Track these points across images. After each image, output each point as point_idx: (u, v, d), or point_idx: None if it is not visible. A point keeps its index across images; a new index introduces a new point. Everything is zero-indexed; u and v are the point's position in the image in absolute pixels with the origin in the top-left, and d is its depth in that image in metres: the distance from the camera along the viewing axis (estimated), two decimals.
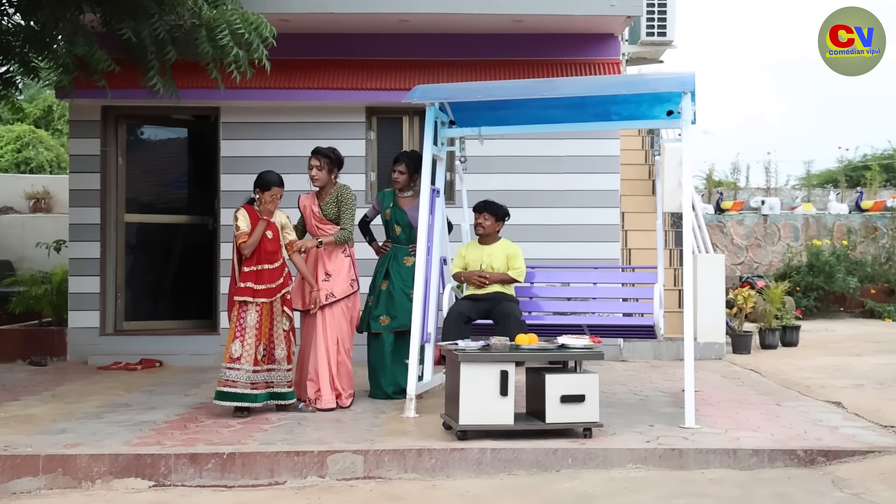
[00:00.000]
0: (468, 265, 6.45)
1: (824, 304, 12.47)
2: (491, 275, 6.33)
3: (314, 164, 6.35)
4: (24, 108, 17.05)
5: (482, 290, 6.35)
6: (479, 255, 6.42)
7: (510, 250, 6.41)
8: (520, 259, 6.40)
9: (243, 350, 5.74)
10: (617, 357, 8.65)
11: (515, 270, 6.37)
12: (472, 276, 6.36)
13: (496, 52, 8.83)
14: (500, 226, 6.47)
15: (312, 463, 4.86)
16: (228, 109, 8.80)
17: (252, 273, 5.88)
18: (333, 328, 6.17)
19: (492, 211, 6.41)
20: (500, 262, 6.36)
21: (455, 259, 6.58)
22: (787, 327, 9.62)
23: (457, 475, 4.87)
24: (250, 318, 5.79)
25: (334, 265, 6.23)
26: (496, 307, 6.26)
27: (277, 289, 5.92)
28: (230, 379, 5.72)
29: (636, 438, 5.18)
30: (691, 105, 5.85)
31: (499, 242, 6.47)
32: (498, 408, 5.12)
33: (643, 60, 13.70)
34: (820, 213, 13.84)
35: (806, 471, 4.86)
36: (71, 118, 9.08)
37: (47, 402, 6.42)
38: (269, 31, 6.34)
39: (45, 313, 9.43)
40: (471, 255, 6.47)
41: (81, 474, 4.77)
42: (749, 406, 6.24)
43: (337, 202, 6.30)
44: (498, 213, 6.44)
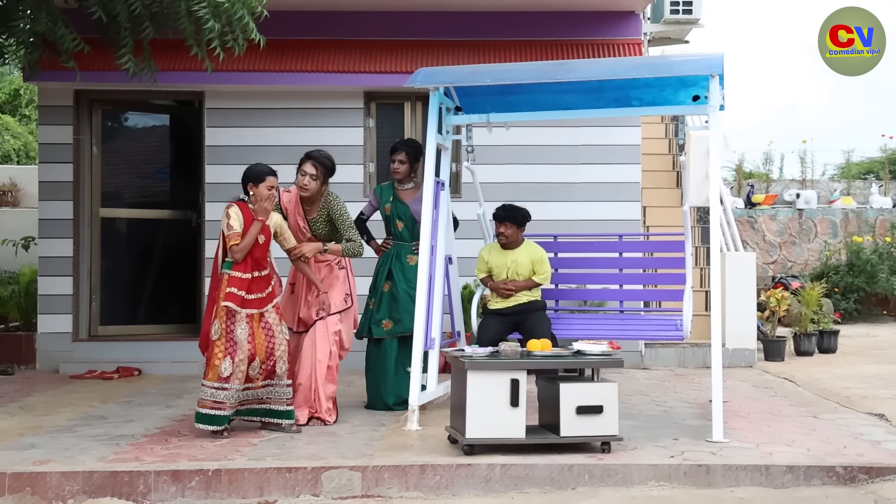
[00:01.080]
0: (492, 270, 6.64)
1: (865, 307, 12.47)
2: (517, 285, 6.54)
3: (309, 172, 6.03)
4: None
5: (509, 301, 6.56)
6: (504, 260, 6.60)
7: (535, 254, 6.61)
8: (545, 263, 6.62)
9: (234, 368, 5.50)
10: (638, 364, 8.66)
11: (541, 276, 6.59)
12: (498, 286, 6.58)
13: (506, 32, 8.84)
14: (522, 231, 6.64)
15: (305, 480, 4.87)
16: (214, 94, 8.82)
17: (244, 281, 5.62)
18: (325, 345, 6.02)
19: (513, 219, 6.56)
20: (526, 267, 6.56)
21: (478, 263, 6.73)
22: (825, 332, 9.62)
23: (463, 493, 4.88)
24: (240, 331, 5.54)
25: (327, 280, 6.10)
26: (525, 322, 6.49)
27: (268, 298, 5.71)
28: (218, 400, 5.50)
29: (659, 453, 5.18)
30: (719, 89, 5.84)
31: (523, 246, 6.64)
32: (508, 420, 5.13)
33: (667, 41, 13.70)
34: (861, 208, 13.83)
35: (845, 489, 4.86)
36: (40, 103, 9.11)
37: (14, 415, 6.44)
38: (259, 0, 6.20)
39: (12, 317, 9.46)
40: (494, 260, 6.64)
41: (52, 494, 4.77)
42: (783, 418, 6.24)
43: (328, 219, 6.09)
44: (519, 219, 6.59)
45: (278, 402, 5.75)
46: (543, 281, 6.60)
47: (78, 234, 8.92)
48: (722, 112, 5.94)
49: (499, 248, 6.66)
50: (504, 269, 6.58)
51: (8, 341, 8.99)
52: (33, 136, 16.71)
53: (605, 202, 8.77)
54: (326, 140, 8.75)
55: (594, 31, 8.88)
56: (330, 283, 6.11)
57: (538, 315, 6.54)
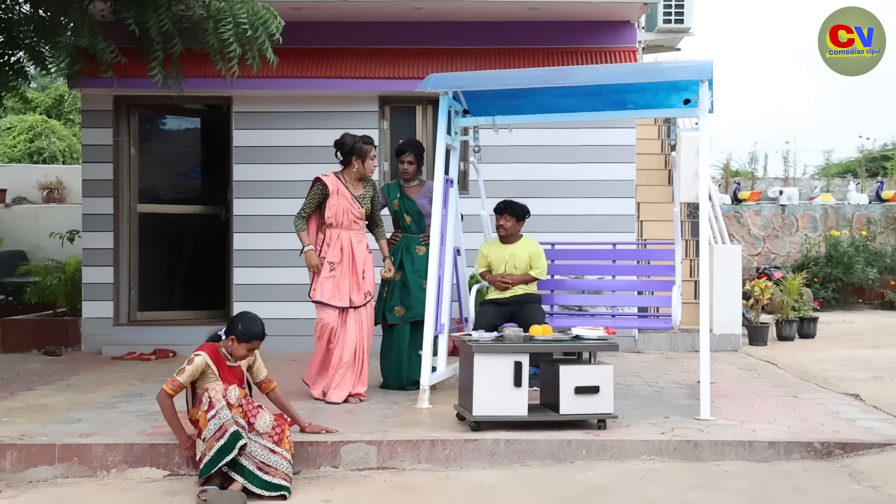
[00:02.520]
0: (491, 264, 6.59)
1: (843, 296, 12.41)
2: (513, 278, 6.50)
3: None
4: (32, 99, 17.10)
5: (506, 293, 6.51)
6: (503, 254, 6.55)
7: (532, 249, 6.55)
8: (542, 258, 6.56)
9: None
10: (632, 348, 8.66)
11: (537, 270, 6.53)
12: (495, 279, 6.54)
13: (510, 40, 8.81)
14: (521, 225, 6.59)
15: (326, 453, 4.90)
16: (240, 99, 8.83)
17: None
18: (365, 327, 6.17)
19: (512, 212, 6.52)
20: (523, 261, 6.51)
21: (478, 258, 6.70)
22: (805, 319, 9.59)
23: (470, 466, 4.90)
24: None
25: (367, 264, 6.21)
26: (520, 312, 6.41)
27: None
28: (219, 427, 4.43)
29: (651, 430, 5.19)
30: (709, 94, 5.82)
31: (521, 241, 6.59)
32: (512, 399, 5.14)
33: (660, 48, 13.64)
34: (839, 204, 13.76)
35: (823, 463, 4.86)
36: (83, 108, 9.14)
37: (62, 392, 6.49)
38: (276, 26, 6.27)
39: (60, 303, 9.51)
40: (493, 254, 6.59)
41: (97, 463, 4.83)
42: (765, 398, 6.23)
43: (371, 198, 6.26)
44: (518, 213, 6.54)
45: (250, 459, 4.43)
46: (540, 275, 6.54)
47: (118, 227, 8.96)
48: (711, 115, 5.91)
49: (498, 243, 6.63)
50: (503, 263, 6.54)
51: (56, 326, 9.04)
52: (77, 138, 16.75)
53: (602, 198, 8.75)
54: None
55: (592, 40, 8.85)
56: (369, 266, 6.21)
57: (533, 306, 6.48)
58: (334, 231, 6.12)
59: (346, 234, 6.12)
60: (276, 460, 4.48)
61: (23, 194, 12.74)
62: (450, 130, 6.32)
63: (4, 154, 16.79)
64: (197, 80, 7.81)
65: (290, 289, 8.66)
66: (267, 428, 4.54)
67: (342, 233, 6.11)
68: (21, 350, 8.76)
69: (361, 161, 6.17)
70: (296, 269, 8.61)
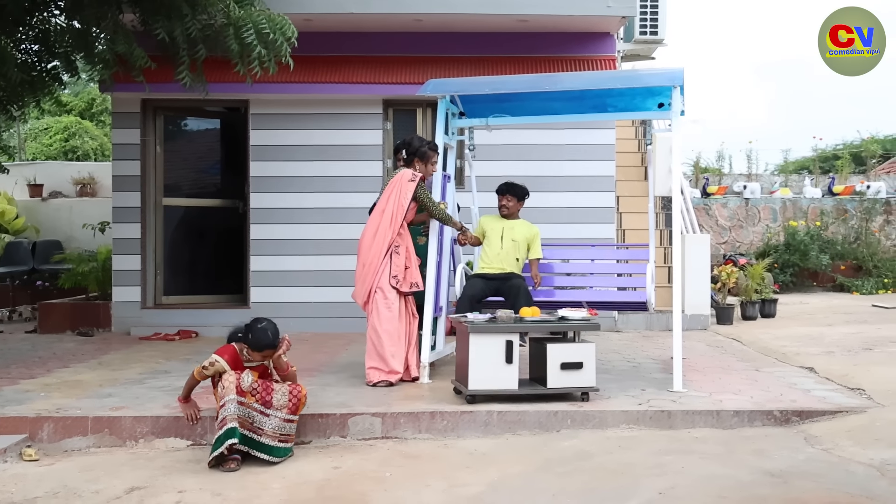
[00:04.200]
0: (486, 233, 6.52)
1: (799, 280, 12.41)
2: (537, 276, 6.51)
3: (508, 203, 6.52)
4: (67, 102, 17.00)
5: (494, 269, 6.41)
6: (500, 225, 6.49)
7: (532, 230, 6.54)
8: (539, 239, 6.55)
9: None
10: (612, 328, 8.64)
11: (537, 252, 6.54)
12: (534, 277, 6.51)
13: (503, 49, 8.75)
14: (521, 205, 6.59)
15: (335, 424, 4.87)
16: (257, 102, 8.76)
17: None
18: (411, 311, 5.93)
19: (514, 192, 6.54)
20: (521, 235, 6.45)
21: (477, 228, 6.66)
22: (766, 300, 9.58)
23: (466, 435, 4.88)
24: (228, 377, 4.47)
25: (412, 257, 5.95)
26: (505, 284, 6.33)
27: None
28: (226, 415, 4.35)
29: (629, 401, 5.18)
30: (680, 98, 5.79)
31: (520, 221, 6.58)
32: (504, 374, 5.12)
33: (637, 57, 13.59)
34: (796, 197, 13.74)
35: (781, 429, 4.86)
36: (113, 110, 9.06)
37: (94, 370, 6.45)
38: (292, 31, 6.26)
39: (91, 289, 9.47)
40: (490, 224, 6.54)
41: (126, 434, 4.80)
42: (731, 371, 6.22)
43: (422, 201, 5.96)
44: (519, 193, 6.57)
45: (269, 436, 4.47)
46: (538, 254, 6.54)
47: (144, 219, 8.90)
48: (682, 117, 5.89)
49: (496, 216, 6.58)
50: (500, 233, 6.44)
51: (88, 309, 8.99)
52: (108, 137, 16.66)
53: (584, 192, 8.71)
54: (350, 140, 8.72)
55: (576, 49, 8.79)
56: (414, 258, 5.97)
57: (517, 281, 6.33)
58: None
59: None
60: (292, 427, 4.53)
61: (58, 189, 12.66)
62: (447, 131, 6.28)
63: (42, 152, 16.69)
64: (217, 85, 7.74)
65: (303, 274, 8.65)
66: (284, 401, 4.52)
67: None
68: (57, 331, 8.71)
69: (424, 164, 6.03)
70: (307, 257, 8.63)
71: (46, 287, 10.15)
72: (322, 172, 8.10)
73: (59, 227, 11.83)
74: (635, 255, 7.43)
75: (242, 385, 4.46)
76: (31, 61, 7.14)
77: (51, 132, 17.04)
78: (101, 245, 9.87)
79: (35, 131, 17.46)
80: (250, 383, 4.49)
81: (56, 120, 17.30)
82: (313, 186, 8.62)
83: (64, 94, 14.68)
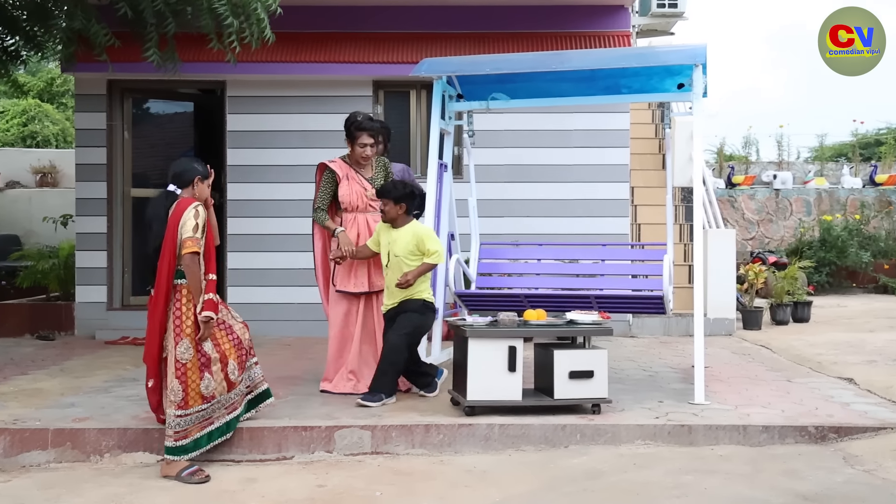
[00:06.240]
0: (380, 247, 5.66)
1: (836, 280, 12.42)
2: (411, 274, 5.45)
3: (368, 143, 5.78)
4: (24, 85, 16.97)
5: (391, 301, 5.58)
6: (385, 240, 5.60)
7: (419, 231, 5.55)
8: (432, 239, 5.55)
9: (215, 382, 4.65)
10: (626, 333, 8.65)
11: (431, 255, 5.50)
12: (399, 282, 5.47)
13: (505, 25, 8.75)
14: (401, 208, 5.52)
15: (320, 438, 4.88)
16: (234, 83, 8.76)
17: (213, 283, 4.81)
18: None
19: (388, 195, 5.53)
20: (403, 248, 5.48)
21: (374, 235, 5.76)
22: (799, 303, 9.59)
23: (464, 451, 4.89)
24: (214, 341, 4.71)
25: None
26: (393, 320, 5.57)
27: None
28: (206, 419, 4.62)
29: (645, 414, 5.18)
30: (702, 78, 5.79)
31: (408, 226, 5.58)
32: (506, 384, 5.12)
33: (654, 32, 13.59)
34: (833, 188, 13.76)
35: (816, 447, 4.86)
36: (76, 92, 9.07)
37: (55, 377, 6.47)
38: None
39: (52, 288, 9.47)
40: (382, 238, 5.64)
41: (90, 448, 4.81)
42: (759, 382, 6.23)
43: (385, 176, 5.93)
44: (395, 194, 5.51)
45: (259, 383, 5.01)
46: (436, 260, 5.52)
47: (111, 212, 8.91)
48: (705, 99, 5.89)
49: (386, 226, 5.64)
50: (385, 249, 5.57)
51: (49, 310, 9.01)
52: (70, 122, 16.64)
53: (596, 183, 8.72)
54: (337, 126, 8.66)
55: (586, 24, 8.79)
56: None
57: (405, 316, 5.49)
58: (349, 215, 5.89)
59: (361, 216, 5.88)
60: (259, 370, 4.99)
61: (16, 178, 12.67)
62: (444, 115, 6.29)
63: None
64: (191, 65, 7.75)
65: (285, 273, 8.64)
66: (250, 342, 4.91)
67: (357, 216, 5.88)
68: (14, 334, 8.73)
69: (352, 146, 5.88)
70: (290, 254, 8.63)
71: (3, 286, 10.16)
72: (306, 161, 8.07)
73: (16, 221, 11.84)
74: (652, 256, 7.40)
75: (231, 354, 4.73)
76: None
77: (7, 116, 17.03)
78: (64, 240, 9.87)
79: None
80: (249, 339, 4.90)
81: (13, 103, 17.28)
82: (296, 176, 8.61)
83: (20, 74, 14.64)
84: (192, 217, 4.68)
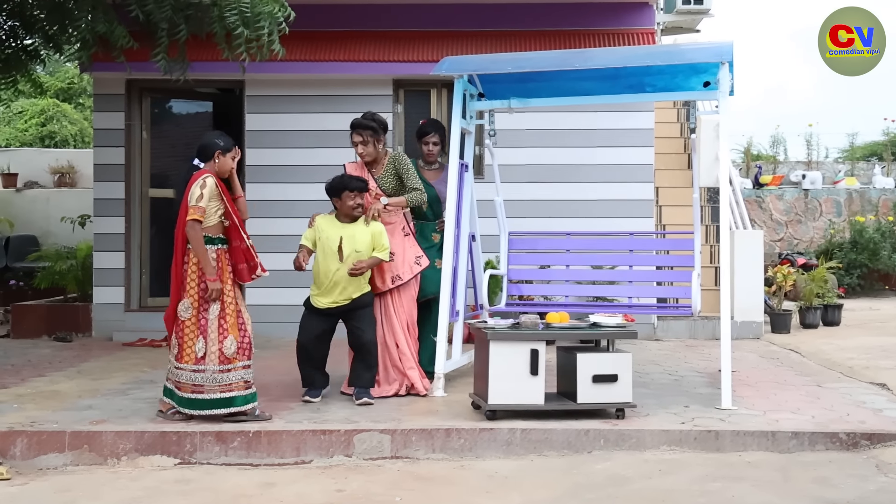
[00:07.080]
0: (320, 240, 5.65)
1: (868, 283, 12.29)
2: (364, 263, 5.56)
3: (357, 141, 5.90)
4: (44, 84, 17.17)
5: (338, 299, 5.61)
6: (338, 233, 5.60)
7: (375, 227, 5.66)
8: (385, 236, 5.68)
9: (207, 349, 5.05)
10: (651, 336, 8.60)
11: (384, 250, 5.65)
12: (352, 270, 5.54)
13: (526, 23, 8.74)
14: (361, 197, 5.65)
15: (339, 442, 4.89)
16: (253, 83, 8.80)
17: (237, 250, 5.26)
18: (403, 313, 5.89)
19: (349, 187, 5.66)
20: (365, 243, 5.59)
21: (307, 231, 5.77)
22: (829, 306, 9.49)
23: (486, 455, 4.87)
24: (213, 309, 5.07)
25: (395, 244, 5.85)
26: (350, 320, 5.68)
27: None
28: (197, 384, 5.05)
29: (670, 419, 5.15)
30: (729, 76, 5.75)
31: (360, 220, 5.67)
32: (528, 387, 5.11)
33: (679, 30, 13.50)
34: (864, 188, 13.60)
35: (848, 454, 4.80)
36: (95, 92, 9.16)
37: (73, 379, 6.52)
38: (283, 13, 6.14)
39: (70, 289, 9.55)
40: (327, 230, 5.64)
41: (107, 451, 4.84)
42: (788, 387, 6.17)
43: (395, 172, 5.95)
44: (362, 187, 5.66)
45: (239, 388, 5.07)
46: (385, 256, 5.65)
47: (129, 212, 8.97)
48: (732, 97, 5.85)
49: (335, 219, 5.68)
50: (331, 244, 5.56)
51: (66, 311, 9.08)
52: (88, 122, 16.81)
53: (619, 183, 8.68)
54: None
55: (610, 21, 8.76)
56: (401, 247, 5.90)
57: (365, 311, 5.67)
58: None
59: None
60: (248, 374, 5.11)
61: (34, 178, 12.79)
62: (465, 114, 6.28)
63: (16, 138, 16.86)
64: (209, 64, 7.80)
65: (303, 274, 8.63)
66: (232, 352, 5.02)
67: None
68: (31, 336, 8.81)
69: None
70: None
71: (20, 287, 10.26)
72: (325, 161, 8.09)
73: (34, 221, 11.95)
74: (678, 245, 7.30)
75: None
76: (3, 38, 7.22)
77: (25, 116, 17.21)
78: (81, 241, 9.95)
79: (8, 115, 17.66)
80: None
81: (32, 102, 17.47)
82: (315, 176, 8.59)
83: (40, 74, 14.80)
84: (199, 188, 5.03)
